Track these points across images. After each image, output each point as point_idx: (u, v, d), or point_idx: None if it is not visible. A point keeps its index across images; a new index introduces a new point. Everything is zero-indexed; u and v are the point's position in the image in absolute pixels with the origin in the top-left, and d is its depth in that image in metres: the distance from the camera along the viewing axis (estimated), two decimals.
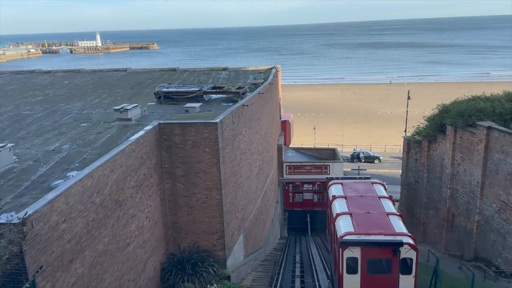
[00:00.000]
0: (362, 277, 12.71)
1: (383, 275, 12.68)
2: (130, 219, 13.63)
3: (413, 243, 12.84)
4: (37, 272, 8.39)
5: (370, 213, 14.75)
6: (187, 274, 16.17)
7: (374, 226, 13.59)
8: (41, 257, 8.99)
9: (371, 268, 12.75)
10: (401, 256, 12.54)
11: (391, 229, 13.43)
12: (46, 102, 25.01)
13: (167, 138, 16.69)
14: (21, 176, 12.89)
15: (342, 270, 12.92)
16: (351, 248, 12.73)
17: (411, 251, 12.56)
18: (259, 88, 25.00)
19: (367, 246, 12.67)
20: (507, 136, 18.59)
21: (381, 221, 13.99)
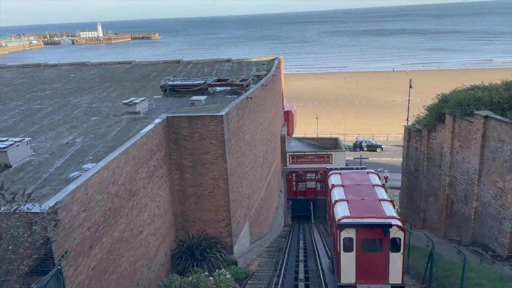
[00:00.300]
0: (357, 255, 14.36)
1: (375, 253, 14.34)
2: (142, 208, 14.42)
3: (401, 225, 14.35)
4: (62, 257, 9.16)
5: (365, 199, 16.36)
6: (196, 260, 17.02)
7: (368, 210, 15.25)
8: (65, 243, 9.78)
9: (364, 246, 14.36)
10: (391, 236, 14.12)
11: (382, 213, 15.01)
12: (55, 96, 25.71)
13: (175, 131, 17.39)
14: (39, 168, 13.66)
15: (340, 248, 14.50)
16: (347, 230, 14.32)
17: (399, 231, 14.13)
18: (262, 80, 25.59)
19: (361, 227, 14.29)
20: (503, 124, 19.17)
21: (374, 206, 15.63)
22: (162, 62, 38.95)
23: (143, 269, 14.29)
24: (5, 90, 28.66)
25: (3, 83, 31.81)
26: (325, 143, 40.51)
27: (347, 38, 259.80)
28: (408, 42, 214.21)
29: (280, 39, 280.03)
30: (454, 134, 23.15)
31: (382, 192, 17.09)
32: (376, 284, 14.34)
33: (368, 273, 14.34)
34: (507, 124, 18.88)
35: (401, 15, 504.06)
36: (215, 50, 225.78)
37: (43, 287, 7.09)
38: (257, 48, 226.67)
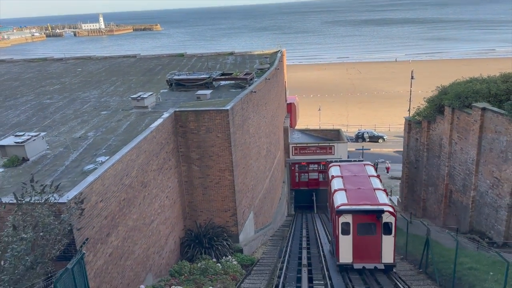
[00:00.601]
0: (353, 237, 15.99)
1: (370, 235, 15.93)
2: (153, 199, 15.19)
3: (392, 211, 15.90)
4: (84, 243, 9.93)
5: (361, 188, 18.03)
6: (204, 247, 17.83)
7: (363, 198, 16.93)
8: (85, 231, 10.55)
9: (360, 230, 16.00)
10: (383, 220, 15.78)
11: (376, 200, 16.67)
12: (64, 91, 26.40)
13: (183, 125, 18.08)
14: (55, 161, 14.42)
15: (338, 232, 16.10)
16: (344, 215, 15.97)
17: (391, 217, 15.80)
18: (265, 74, 26.18)
19: (357, 213, 15.98)
20: (499, 116, 19.77)
21: (369, 195, 17.31)
22: (166, 55, 39.52)
23: (154, 256, 15.10)
24: (15, 85, 29.36)
25: (12, 78, 32.51)
26: (328, 134, 41.13)
27: (349, 28, 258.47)
28: (410, 31, 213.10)
29: (282, 30, 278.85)
30: (453, 126, 23.76)
31: (376, 182, 18.67)
32: (370, 263, 15.90)
33: (363, 253, 15.95)
34: (504, 116, 19.47)
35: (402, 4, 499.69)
36: (217, 41, 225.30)
37: (71, 270, 7.84)
38: (259, 39, 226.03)
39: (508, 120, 19.10)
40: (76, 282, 8.17)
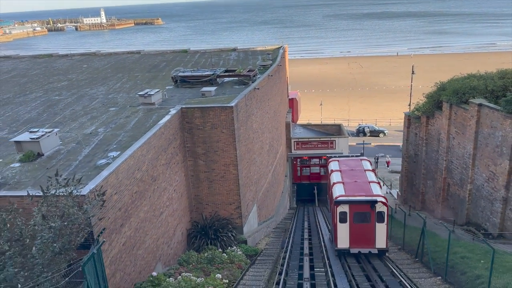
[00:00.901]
0: (350, 225, 17.64)
1: (364, 223, 17.56)
2: (162, 192, 15.93)
3: (385, 201, 17.63)
4: (101, 232, 10.68)
5: (357, 181, 19.63)
6: (210, 239, 18.60)
7: (359, 190, 18.59)
8: (102, 221, 11.30)
9: (356, 218, 17.65)
10: (377, 210, 17.47)
11: (371, 192, 18.39)
12: (72, 87, 27.09)
13: (189, 121, 18.78)
14: (69, 156, 15.14)
15: (336, 220, 17.74)
16: (342, 205, 17.62)
17: (383, 206, 17.49)
18: (268, 70, 26.80)
19: (353, 203, 17.62)
20: (495, 112, 20.40)
21: (364, 187, 18.95)
22: (170, 51, 40.11)
23: (163, 246, 15.88)
24: (23, 81, 30.05)
25: (20, 74, 33.20)
26: (329, 129, 41.78)
27: (351, 21, 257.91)
28: (412, 25, 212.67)
29: (283, 23, 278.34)
30: (450, 121, 24.40)
31: (371, 176, 20.38)
32: (365, 248, 17.57)
33: (359, 239, 17.65)
34: (499, 112, 20.10)
35: None
36: (218, 35, 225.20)
37: (92, 257, 8.58)
38: (261, 32, 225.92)
39: (503, 116, 19.73)
40: (97, 268, 8.91)
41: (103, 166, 13.63)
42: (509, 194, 20.25)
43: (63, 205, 8.51)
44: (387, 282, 12.67)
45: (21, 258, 7.27)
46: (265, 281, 13.50)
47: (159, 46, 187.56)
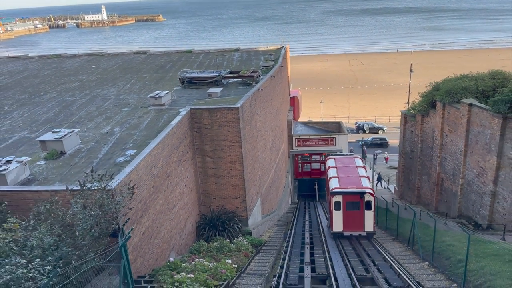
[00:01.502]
0: (343, 212, 20.81)
1: (355, 211, 20.63)
2: (174, 187, 17.33)
3: (372, 192, 21.07)
4: (126, 222, 12.07)
5: (349, 176, 22.91)
6: (218, 230, 20.00)
7: (351, 183, 21.86)
8: (131, 211, 12.70)
9: (348, 206, 20.72)
10: (365, 199, 20.66)
11: (360, 185, 21.69)
12: (84, 88, 28.44)
13: (198, 121, 20.14)
14: (89, 154, 16.54)
15: (332, 208, 20.97)
16: (337, 196, 20.85)
17: (371, 197, 20.80)
18: (271, 71, 28.12)
19: (346, 194, 20.87)
20: (484, 111, 21.73)
21: (355, 181, 22.26)
22: (175, 52, 41.42)
23: (176, 237, 17.30)
24: (36, 82, 31.41)
25: (31, 75, 34.55)
26: (329, 126, 43.12)
27: (352, 17, 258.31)
28: (412, 21, 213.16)
29: (284, 19, 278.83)
30: (444, 119, 25.75)
31: (362, 171, 23.84)
32: (356, 231, 20.79)
33: (351, 224, 20.77)
34: (488, 111, 21.42)
35: None
36: (219, 32, 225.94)
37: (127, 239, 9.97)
38: (261, 29, 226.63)
39: (491, 115, 21.06)
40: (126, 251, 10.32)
41: (123, 163, 15.04)
42: (497, 188, 21.62)
43: (99, 197, 9.90)
44: (379, 266, 14.08)
45: (72, 240, 8.64)
46: (270, 266, 14.91)
47: (160, 43, 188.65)
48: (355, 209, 20.59)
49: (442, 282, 11.97)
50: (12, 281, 6.41)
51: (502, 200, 21.34)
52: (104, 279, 9.41)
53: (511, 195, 20.57)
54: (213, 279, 11.18)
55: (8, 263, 6.69)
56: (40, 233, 8.01)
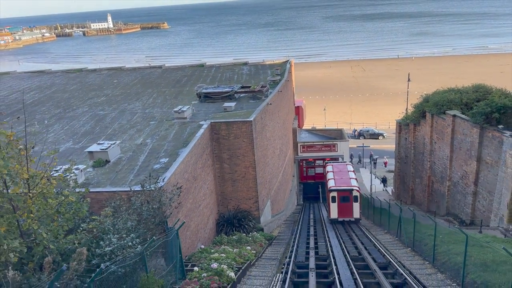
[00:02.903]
0: (338, 204, 27.81)
1: (346, 203, 27.68)
2: (200, 189, 20.61)
3: (358, 189, 28.23)
4: (169, 215, 15.31)
5: (342, 178, 30.01)
6: (234, 226, 23.23)
7: (343, 183, 29.10)
8: (179, 205, 15.97)
9: (341, 199, 27.66)
10: (353, 194, 27.68)
11: (350, 184, 28.83)
12: (111, 103, 31.85)
13: (217, 132, 23.44)
14: (130, 162, 19.85)
15: (329, 201, 28.14)
16: (333, 192, 27.97)
17: (357, 192, 27.92)
18: (278, 86, 31.45)
19: (339, 191, 27.97)
20: (465, 122, 24.92)
21: (346, 181, 29.41)
22: (188, 66, 44.90)
23: (201, 231, 20.56)
24: (66, 97, 34.88)
25: (60, 90, 38.05)
26: (331, 133, 46.32)
27: (354, 23, 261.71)
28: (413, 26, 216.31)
29: (286, 25, 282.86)
30: (432, 128, 28.94)
31: (352, 174, 30.78)
32: (347, 218, 27.79)
33: (343, 212, 27.78)
34: (468, 122, 24.62)
35: None
36: (223, 39, 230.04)
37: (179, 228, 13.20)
38: (264, 36, 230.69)
39: (471, 125, 24.25)
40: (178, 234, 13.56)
41: (159, 170, 18.35)
42: (477, 189, 24.77)
43: (156, 195, 13.17)
44: (369, 250, 17.27)
45: (144, 224, 11.87)
46: (281, 254, 18.09)
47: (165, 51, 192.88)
48: (346, 201, 27.58)
49: (418, 261, 15.12)
50: (116, 249, 9.62)
51: (481, 199, 24.48)
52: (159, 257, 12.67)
53: (488, 194, 23.71)
54: (239, 258, 14.40)
55: (111, 237, 9.91)
56: (123, 220, 11.25)
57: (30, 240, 10.12)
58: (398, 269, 13.41)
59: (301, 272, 14.00)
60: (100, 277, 8.01)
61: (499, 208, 22.46)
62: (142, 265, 9.81)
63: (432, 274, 13.15)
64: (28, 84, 41.74)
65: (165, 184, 15.36)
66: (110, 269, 8.51)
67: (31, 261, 9.95)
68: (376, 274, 13.05)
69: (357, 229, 24.26)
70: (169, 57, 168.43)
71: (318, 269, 14.09)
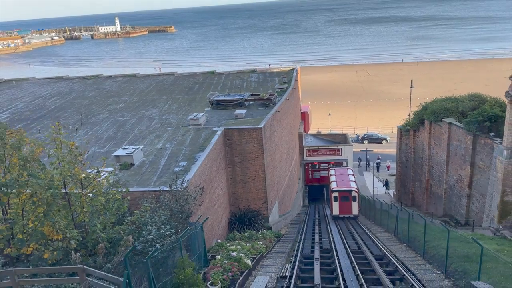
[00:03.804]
0: (339, 202, 31.91)
1: (346, 201, 31.71)
2: (215, 190, 22.68)
3: (356, 190, 32.19)
4: (193, 213, 17.35)
5: (343, 180, 33.97)
6: (245, 225, 25.23)
7: (344, 184, 33.01)
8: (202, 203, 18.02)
9: (341, 199, 31.71)
10: (352, 194, 31.58)
11: (350, 185, 32.72)
12: (129, 109, 34.02)
13: (229, 138, 25.51)
14: (152, 166, 21.96)
15: (332, 200, 32.45)
16: (335, 192, 32.07)
17: (356, 193, 31.75)
18: (285, 94, 33.50)
19: (340, 191, 31.90)
20: (460, 129, 26.79)
21: (346, 183, 33.33)
22: (200, 73, 47.08)
23: (216, 228, 22.61)
24: (86, 103, 37.14)
25: (79, 96, 40.34)
26: (336, 138, 48.26)
27: (359, 26, 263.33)
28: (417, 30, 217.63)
29: (292, 29, 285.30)
30: (430, 135, 30.82)
31: (352, 177, 34.75)
32: (346, 214, 31.90)
33: (343, 210, 31.96)
34: (463, 129, 26.50)
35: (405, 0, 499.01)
36: (229, 42, 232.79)
37: (203, 223, 15.25)
38: (270, 39, 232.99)
39: (465, 133, 26.12)
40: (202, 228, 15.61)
41: (179, 172, 20.42)
42: (471, 192, 26.62)
43: (182, 194, 15.25)
44: (368, 245, 19.24)
45: (175, 218, 13.93)
46: (289, 248, 20.09)
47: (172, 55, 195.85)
48: (346, 200, 31.76)
49: (411, 255, 17.05)
50: (156, 237, 11.69)
51: (475, 201, 26.33)
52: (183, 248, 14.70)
53: (481, 197, 25.56)
54: (253, 250, 16.42)
55: (151, 228, 11.98)
56: (158, 214, 13.35)
57: (81, 230, 12.26)
58: (391, 259, 15.35)
59: (307, 262, 16.02)
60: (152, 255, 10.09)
61: (490, 209, 24.30)
62: (177, 250, 11.89)
63: (422, 264, 15.10)
64: (48, 90, 44.09)
65: (188, 185, 17.44)
66: (159, 249, 10.60)
67: (83, 248, 12.08)
68: (372, 263, 15.02)
69: (358, 228, 26.27)
70: (176, 61, 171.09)
71: (322, 259, 16.08)
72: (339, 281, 12.54)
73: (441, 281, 12.85)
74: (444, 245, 16.38)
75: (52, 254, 11.14)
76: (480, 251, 14.87)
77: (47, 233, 11.40)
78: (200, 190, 16.87)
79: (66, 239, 11.31)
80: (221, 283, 12.08)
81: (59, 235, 11.22)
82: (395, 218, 22.28)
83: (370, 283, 12.73)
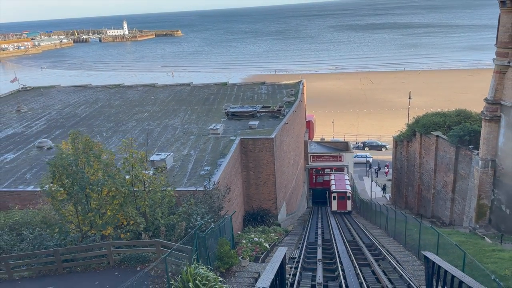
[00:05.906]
0: (337, 201, 40.37)
1: (342, 200, 39.83)
2: (233, 191, 26.73)
3: (350, 191, 40.76)
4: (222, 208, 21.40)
5: (340, 184, 41.48)
6: (257, 221, 29.28)
7: (341, 187, 40.76)
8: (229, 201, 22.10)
9: (339, 198, 40.24)
10: (347, 195, 40.12)
11: (345, 188, 40.60)
12: (154, 118, 38.19)
13: (245, 146, 29.61)
14: (181, 169, 26.07)
15: (331, 199, 40.80)
16: (334, 193, 40.44)
17: (350, 194, 40.29)
18: (293, 107, 37.63)
19: (338, 192, 40.36)
20: (445, 141, 30.78)
21: (343, 186, 40.98)
22: (213, 84, 51.27)
23: (234, 223, 26.66)
24: (114, 112, 41.32)
25: (106, 105, 44.53)
26: (338, 145, 52.32)
27: (362, 33, 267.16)
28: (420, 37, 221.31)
29: (296, 34, 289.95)
30: (421, 145, 34.81)
31: (347, 182, 42.15)
32: (342, 210, 39.92)
33: (340, 207, 40.24)
34: (447, 141, 30.48)
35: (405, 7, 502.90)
36: (234, 47, 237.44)
37: (232, 215, 19.33)
38: (274, 45, 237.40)
39: (449, 145, 30.09)
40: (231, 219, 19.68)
41: (205, 175, 24.52)
42: (454, 196, 30.57)
43: (214, 192, 19.35)
44: (361, 237, 23.37)
45: (211, 213, 18.05)
46: (296, 240, 24.18)
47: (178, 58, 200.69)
48: (342, 199, 40.24)
49: (395, 245, 21.10)
50: (201, 226, 15.77)
51: (457, 204, 30.28)
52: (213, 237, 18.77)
53: (462, 200, 29.51)
54: (268, 239, 20.52)
55: (196, 217, 16.08)
56: (198, 207, 17.51)
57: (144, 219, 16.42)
58: (377, 246, 19.41)
59: (312, 247, 20.11)
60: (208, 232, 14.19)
61: (469, 211, 28.26)
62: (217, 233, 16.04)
63: (402, 251, 19.14)
64: (75, 99, 48.36)
65: (217, 185, 21.59)
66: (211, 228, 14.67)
67: (146, 232, 16.23)
68: (362, 249, 19.09)
69: (355, 225, 30.33)
70: (185, 65, 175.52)
71: (324, 246, 20.19)
72: (336, 259, 16.65)
73: (414, 262, 16.89)
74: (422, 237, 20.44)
75: (126, 235, 15.30)
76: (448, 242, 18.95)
77: (121, 220, 15.58)
78: (227, 190, 20.98)
79: (135, 223, 15.47)
80: (249, 258, 16.18)
81: (131, 221, 15.38)
82: (385, 218, 26.34)
83: (360, 260, 16.80)
